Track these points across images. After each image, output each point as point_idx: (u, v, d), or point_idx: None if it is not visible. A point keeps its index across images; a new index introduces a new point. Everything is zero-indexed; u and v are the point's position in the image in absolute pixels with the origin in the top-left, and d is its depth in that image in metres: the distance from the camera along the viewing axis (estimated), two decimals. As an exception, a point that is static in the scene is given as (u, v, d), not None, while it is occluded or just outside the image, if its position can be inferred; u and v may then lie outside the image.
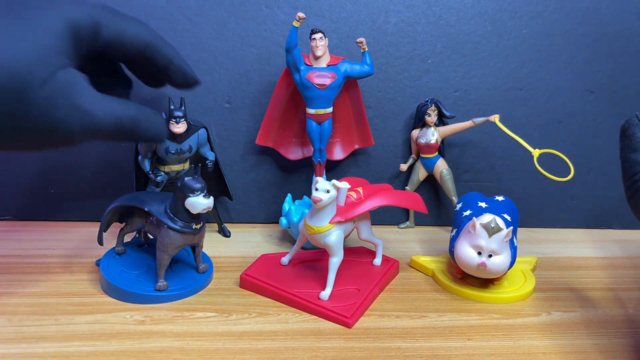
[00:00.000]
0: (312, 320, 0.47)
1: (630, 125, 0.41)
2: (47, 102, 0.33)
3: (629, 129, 0.41)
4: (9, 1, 0.33)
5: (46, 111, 0.33)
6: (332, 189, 0.48)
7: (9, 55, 0.31)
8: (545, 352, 0.43)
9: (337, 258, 0.49)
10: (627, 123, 0.42)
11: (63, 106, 0.34)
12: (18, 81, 0.31)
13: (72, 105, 0.35)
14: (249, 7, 0.65)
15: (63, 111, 0.34)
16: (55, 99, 0.33)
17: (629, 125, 0.42)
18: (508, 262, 0.50)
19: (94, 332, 0.43)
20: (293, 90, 0.64)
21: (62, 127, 0.34)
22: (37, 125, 0.33)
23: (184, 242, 0.49)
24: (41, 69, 0.33)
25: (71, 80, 0.35)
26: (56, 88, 0.33)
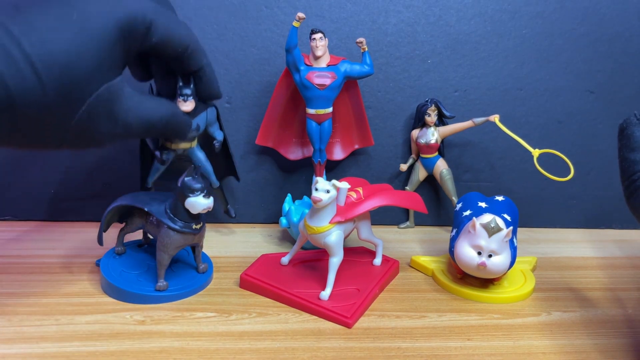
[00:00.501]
0: (312, 320, 0.47)
1: (629, 125, 0.41)
2: (90, 110, 0.33)
3: (627, 129, 0.41)
4: None
5: (87, 118, 0.33)
6: (332, 189, 0.48)
7: (71, 62, 0.31)
8: (545, 352, 0.43)
9: (337, 258, 0.49)
10: (626, 122, 0.42)
11: (103, 115, 0.35)
12: (74, 89, 0.32)
13: (111, 114, 0.35)
14: (249, 7, 0.65)
15: (102, 119, 0.35)
16: (98, 108, 0.34)
17: (627, 125, 0.42)
18: (508, 262, 0.50)
19: (94, 332, 0.43)
20: (293, 90, 0.64)
21: (97, 133, 0.35)
22: (75, 130, 0.33)
23: (184, 242, 0.49)
24: (97, 80, 0.33)
25: (116, 91, 0.35)
26: (102, 98, 0.34)
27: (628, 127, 0.41)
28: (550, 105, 0.72)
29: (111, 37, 0.34)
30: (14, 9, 0.30)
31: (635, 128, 0.41)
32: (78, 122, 0.33)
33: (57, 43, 0.30)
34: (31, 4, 0.31)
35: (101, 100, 0.34)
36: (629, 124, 0.41)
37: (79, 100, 0.32)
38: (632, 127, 0.41)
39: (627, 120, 0.42)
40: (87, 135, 0.34)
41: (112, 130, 0.36)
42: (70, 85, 0.31)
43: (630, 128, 0.41)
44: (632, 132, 0.41)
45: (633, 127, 0.41)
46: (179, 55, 0.42)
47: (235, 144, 0.69)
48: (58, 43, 0.30)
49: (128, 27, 0.35)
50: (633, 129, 0.41)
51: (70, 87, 0.31)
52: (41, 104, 0.30)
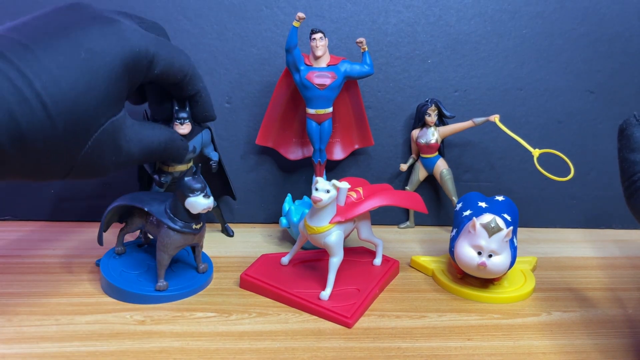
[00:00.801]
0: (312, 320, 0.47)
1: (629, 126, 0.41)
2: (96, 144, 0.35)
3: (627, 129, 0.41)
4: (73, 31, 0.34)
5: (93, 151, 0.35)
6: (332, 189, 0.48)
7: (79, 100, 0.32)
8: (545, 352, 0.43)
9: (337, 258, 0.49)
10: (625, 123, 0.42)
11: (108, 147, 0.36)
12: (82, 125, 0.33)
13: (115, 146, 0.37)
14: (249, 7, 0.65)
15: (107, 151, 0.36)
16: (103, 142, 0.35)
17: (627, 126, 0.42)
18: (508, 262, 0.50)
19: (94, 332, 0.43)
20: (293, 90, 0.64)
21: (102, 164, 0.36)
22: (82, 162, 0.35)
23: (184, 242, 0.49)
24: (103, 115, 0.35)
25: (120, 124, 0.36)
26: (108, 132, 0.35)
27: (628, 128, 0.41)
28: (550, 105, 0.72)
29: (117, 73, 0.35)
30: (24, 49, 0.31)
31: (635, 129, 0.41)
32: (85, 155, 0.34)
33: (66, 81, 0.32)
34: (41, 43, 0.32)
35: (107, 133, 0.35)
36: (628, 125, 0.42)
37: (86, 135, 0.34)
38: (632, 128, 0.41)
39: (626, 121, 0.42)
40: (92, 167, 0.36)
41: (116, 160, 0.37)
42: (78, 121, 0.33)
43: (630, 129, 0.41)
44: (632, 132, 0.41)
45: (633, 128, 0.41)
46: (178, 82, 0.43)
47: (235, 144, 0.69)
48: (67, 81, 0.32)
49: (133, 62, 0.36)
50: (633, 130, 0.41)
51: (78, 123, 0.33)
52: (51, 140, 0.32)
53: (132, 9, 0.64)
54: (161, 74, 0.41)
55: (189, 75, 0.44)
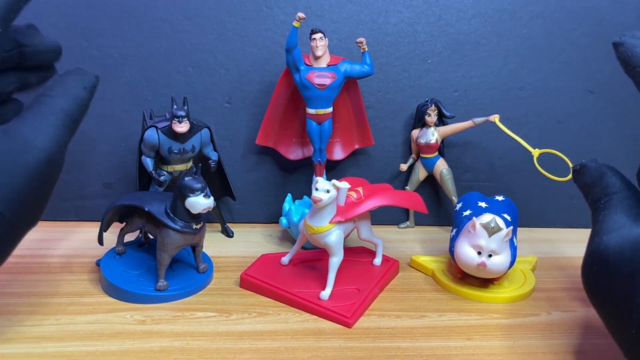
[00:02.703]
0: (312, 320, 0.47)
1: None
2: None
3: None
4: None
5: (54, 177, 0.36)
6: (332, 189, 0.48)
7: (50, 147, 0.34)
8: (545, 352, 0.43)
9: (337, 258, 0.49)
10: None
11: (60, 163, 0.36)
12: (56, 166, 0.35)
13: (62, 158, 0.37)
14: (249, 7, 0.65)
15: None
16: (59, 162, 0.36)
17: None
18: (508, 262, 0.50)
19: (94, 332, 0.43)
20: (293, 90, 0.64)
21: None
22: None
23: (184, 242, 0.49)
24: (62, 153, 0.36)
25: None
26: None
27: None
28: (550, 105, 0.72)
29: None
30: None
31: None
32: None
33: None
34: None
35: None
36: None
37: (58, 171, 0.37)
38: None
39: None
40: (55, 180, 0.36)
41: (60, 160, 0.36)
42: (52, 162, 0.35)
43: None
44: None
45: None
46: None
47: (235, 144, 0.69)
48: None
49: None
50: None
51: (54, 166, 0.35)
52: None
53: (132, 9, 0.64)
54: None
55: None
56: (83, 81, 0.37)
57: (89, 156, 0.67)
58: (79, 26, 0.63)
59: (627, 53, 0.34)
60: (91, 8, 0.63)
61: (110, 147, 0.67)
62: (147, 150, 0.57)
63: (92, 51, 0.64)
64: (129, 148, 0.67)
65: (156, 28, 0.65)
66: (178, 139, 0.57)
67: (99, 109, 0.66)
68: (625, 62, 0.35)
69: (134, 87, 0.66)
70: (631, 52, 0.34)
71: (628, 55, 0.34)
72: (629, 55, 0.34)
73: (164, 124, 0.56)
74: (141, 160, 0.58)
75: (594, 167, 0.39)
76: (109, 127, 0.66)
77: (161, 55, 0.65)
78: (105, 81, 0.65)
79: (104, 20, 0.64)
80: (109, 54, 0.65)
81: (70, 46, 0.64)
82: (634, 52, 0.34)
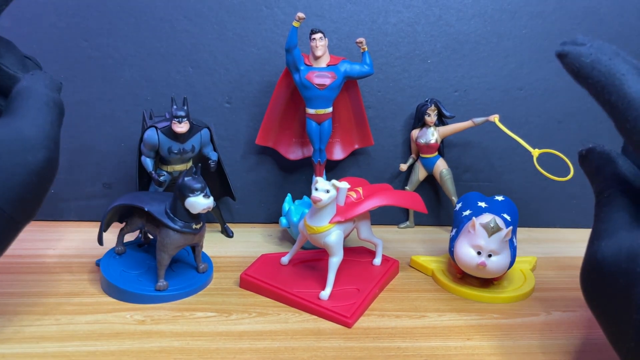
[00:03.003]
0: (312, 320, 0.47)
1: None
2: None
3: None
4: None
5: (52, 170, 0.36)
6: (331, 189, 0.48)
7: (47, 145, 0.35)
8: (545, 352, 0.43)
9: (337, 258, 0.49)
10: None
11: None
12: (54, 163, 0.36)
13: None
14: (249, 7, 0.65)
15: None
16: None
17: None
18: (508, 262, 0.50)
19: (94, 332, 0.43)
20: (293, 90, 0.64)
21: None
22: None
23: (184, 242, 0.49)
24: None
25: None
26: None
27: None
28: (550, 105, 0.72)
29: None
30: None
31: None
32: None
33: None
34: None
35: None
36: None
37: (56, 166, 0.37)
38: None
39: None
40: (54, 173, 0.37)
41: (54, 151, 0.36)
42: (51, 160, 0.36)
43: None
44: None
45: None
46: None
47: (235, 144, 0.69)
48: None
49: None
50: None
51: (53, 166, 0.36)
52: None
53: (132, 9, 0.64)
54: None
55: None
56: (53, 79, 0.38)
57: (89, 156, 0.67)
58: (79, 26, 0.63)
59: (575, 64, 0.32)
60: (91, 8, 0.63)
61: (110, 147, 0.67)
62: (147, 151, 0.57)
63: (92, 51, 0.64)
64: (129, 148, 0.67)
65: (156, 28, 0.65)
66: (178, 139, 0.57)
67: (99, 109, 0.66)
68: (575, 74, 0.33)
69: (134, 87, 0.66)
70: (579, 62, 0.32)
71: (576, 66, 0.32)
72: (577, 67, 0.32)
73: (163, 124, 0.56)
74: (141, 160, 0.58)
75: (599, 153, 0.37)
76: (109, 127, 0.66)
77: (161, 55, 0.65)
78: (105, 81, 0.65)
79: (104, 20, 0.64)
80: (109, 54, 0.65)
81: (70, 46, 0.64)
82: (581, 63, 0.32)
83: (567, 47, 0.33)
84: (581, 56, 0.32)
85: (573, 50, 0.32)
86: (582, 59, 0.32)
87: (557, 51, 0.33)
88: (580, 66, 0.32)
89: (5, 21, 0.62)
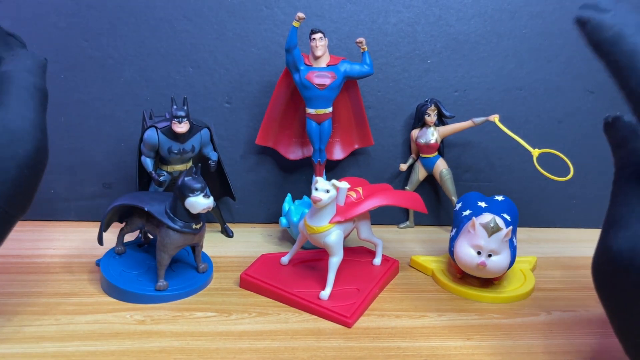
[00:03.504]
0: (312, 320, 0.47)
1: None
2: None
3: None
4: None
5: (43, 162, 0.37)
6: (331, 189, 0.48)
7: (35, 135, 0.35)
8: (545, 352, 0.43)
9: (337, 258, 0.49)
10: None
11: None
12: (44, 153, 0.36)
13: None
14: (249, 7, 0.65)
15: None
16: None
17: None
18: (507, 262, 0.50)
19: (94, 332, 0.43)
20: (293, 90, 0.64)
21: None
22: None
23: (184, 242, 0.49)
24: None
25: None
26: None
27: None
28: (550, 105, 0.72)
29: None
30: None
31: None
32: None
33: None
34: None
35: None
36: None
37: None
38: None
39: None
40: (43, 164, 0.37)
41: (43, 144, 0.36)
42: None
43: None
44: None
45: None
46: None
47: (235, 144, 0.69)
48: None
49: None
50: None
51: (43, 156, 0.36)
52: None
53: (132, 9, 0.64)
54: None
55: None
56: (36, 59, 0.37)
57: (89, 156, 0.67)
58: (79, 26, 0.63)
59: (594, 36, 0.29)
60: (91, 8, 0.63)
61: (110, 147, 0.67)
62: (147, 151, 0.57)
63: (92, 51, 0.64)
64: (129, 148, 0.67)
65: (156, 28, 0.65)
66: (178, 139, 0.57)
67: (99, 109, 0.66)
68: (594, 46, 0.29)
69: (134, 87, 0.66)
70: (599, 35, 0.29)
71: (595, 38, 0.29)
72: (596, 39, 0.29)
73: (163, 124, 0.56)
74: (141, 160, 0.58)
75: (626, 124, 0.34)
76: (109, 127, 0.66)
77: (161, 55, 0.65)
78: (105, 81, 0.65)
79: (104, 20, 0.64)
80: (109, 54, 0.65)
81: (70, 46, 0.64)
82: (602, 36, 0.28)
83: (587, 13, 0.29)
84: (603, 27, 0.28)
85: (594, 18, 0.29)
86: (604, 32, 0.28)
87: (576, 16, 0.29)
88: (601, 39, 0.28)
89: (6, 21, 0.62)
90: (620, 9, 0.28)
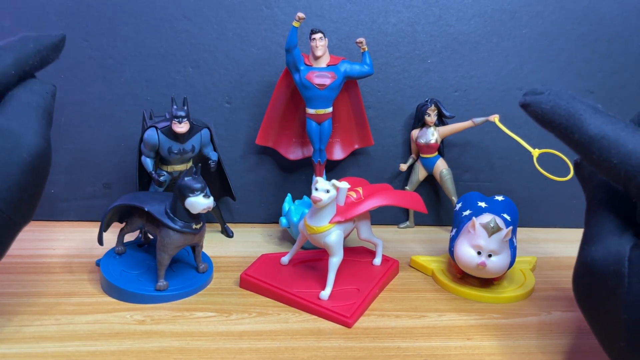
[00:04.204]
0: (312, 320, 0.47)
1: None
2: None
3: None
4: None
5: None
6: (331, 189, 0.48)
7: (39, 142, 0.35)
8: (545, 352, 0.43)
9: (337, 258, 0.49)
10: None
11: None
12: (47, 160, 0.36)
13: None
14: (249, 7, 0.65)
15: None
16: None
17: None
18: (507, 262, 0.50)
19: (94, 332, 0.43)
20: (293, 90, 0.65)
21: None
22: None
23: (184, 242, 0.49)
24: None
25: None
26: None
27: None
28: (550, 105, 0.71)
29: None
30: None
31: None
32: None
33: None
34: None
35: None
36: None
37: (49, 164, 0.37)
38: None
39: None
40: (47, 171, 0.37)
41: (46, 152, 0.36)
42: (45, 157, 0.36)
43: None
44: None
45: None
46: None
47: (235, 144, 0.69)
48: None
49: None
50: None
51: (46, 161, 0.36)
52: None
53: (132, 9, 0.64)
54: None
55: None
56: (44, 84, 0.38)
57: (89, 156, 0.67)
58: (79, 26, 0.63)
59: (537, 112, 0.35)
60: (91, 8, 0.63)
61: (110, 147, 0.67)
62: (147, 151, 0.57)
63: (92, 51, 0.64)
64: (129, 148, 0.67)
65: (156, 28, 0.65)
66: (178, 139, 0.57)
67: (99, 109, 0.66)
68: (539, 120, 0.36)
69: (134, 87, 0.66)
70: (540, 109, 0.35)
71: (539, 113, 0.35)
72: (540, 114, 0.35)
73: (163, 124, 0.56)
74: (141, 160, 0.58)
75: None
76: (109, 127, 0.66)
77: (161, 55, 0.65)
78: (105, 81, 0.65)
79: (104, 20, 0.64)
80: (109, 54, 0.65)
81: (70, 46, 0.63)
82: (543, 109, 0.35)
83: (528, 98, 0.36)
84: (541, 103, 0.35)
85: (534, 100, 0.35)
86: (543, 106, 0.35)
87: (520, 102, 0.36)
88: (543, 112, 0.35)
89: (6, 21, 0.62)
90: (552, 89, 0.35)
